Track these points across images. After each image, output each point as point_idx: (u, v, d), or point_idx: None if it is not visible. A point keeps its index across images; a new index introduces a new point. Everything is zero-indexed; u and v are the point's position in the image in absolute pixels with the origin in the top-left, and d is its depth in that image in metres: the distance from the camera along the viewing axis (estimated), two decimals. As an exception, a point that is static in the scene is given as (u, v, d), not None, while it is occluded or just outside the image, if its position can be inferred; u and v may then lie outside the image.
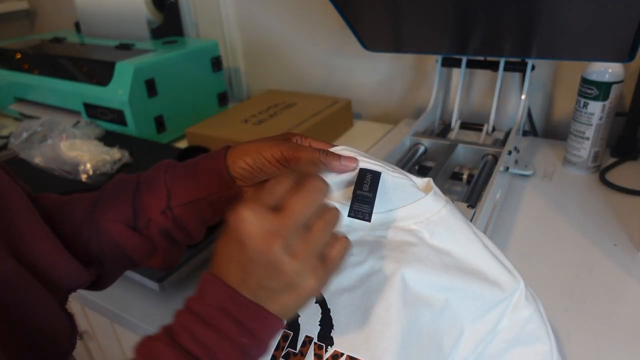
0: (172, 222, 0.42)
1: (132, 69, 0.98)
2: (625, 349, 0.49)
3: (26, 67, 1.22)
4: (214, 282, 0.30)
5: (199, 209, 0.42)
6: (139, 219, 0.42)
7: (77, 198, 0.44)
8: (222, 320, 0.29)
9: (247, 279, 0.29)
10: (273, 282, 0.29)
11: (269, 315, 0.30)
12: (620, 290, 0.56)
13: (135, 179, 0.43)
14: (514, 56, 0.79)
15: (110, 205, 0.42)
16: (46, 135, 0.97)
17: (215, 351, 0.28)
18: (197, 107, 1.15)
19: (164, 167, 0.43)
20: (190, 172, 0.42)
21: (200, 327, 0.29)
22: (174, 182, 0.42)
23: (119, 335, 0.73)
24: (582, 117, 0.76)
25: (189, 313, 0.30)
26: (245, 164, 0.40)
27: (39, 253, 0.36)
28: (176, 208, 0.41)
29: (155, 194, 0.41)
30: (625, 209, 0.70)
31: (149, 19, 1.21)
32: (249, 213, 0.28)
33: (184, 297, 0.31)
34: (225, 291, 0.29)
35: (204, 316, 0.29)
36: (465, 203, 0.58)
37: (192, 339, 0.29)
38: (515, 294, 0.39)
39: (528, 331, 0.39)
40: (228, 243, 0.30)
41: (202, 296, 0.30)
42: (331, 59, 1.15)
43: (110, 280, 0.46)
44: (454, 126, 0.86)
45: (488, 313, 0.38)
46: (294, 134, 0.43)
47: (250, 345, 0.29)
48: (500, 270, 0.39)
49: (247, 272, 0.29)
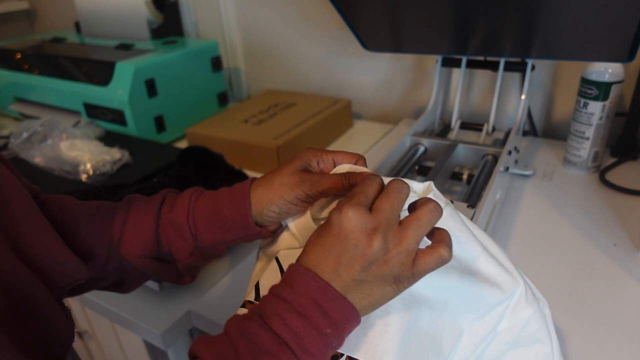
0: (200, 257, 0.44)
1: (132, 69, 0.98)
2: (625, 348, 0.49)
3: (26, 67, 1.22)
4: (307, 274, 0.31)
5: (225, 244, 0.44)
6: (164, 250, 0.43)
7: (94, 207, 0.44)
8: (312, 309, 0.30)
9: (341, 272, 0.31)
10: (367, 275, 0.31)
11: (353, 310, 0.31)
12: (620, 290, 0.56)
13: (156, 206, 0.44)
14: (513, 56, 0.79)
15: (134, 240, 0.43)
16: (46, 135, 0.97)
17: (302, 337, 0.30)
18: (197, 107, 1.15)
19: (186, 207, 0.43)
20: (214, 217, 0.42)
21: (291, 314, 0.30)
22: (199, 226, 0.42)
23: (119, 335, 0.73)
24: (582, 117, 0.76)
25: (280, 300, 0.31)
26: (273, 213, 0.41)
27: (38, 247, 0.36)
28: (203, 247, 0.43)
29: (182, 237, 0.42)
30: (625, 209, 0.70)
31: (149, 19, 1.21)
32: (353, 211, 0.31)
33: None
34: (317, 282, 0.31)
35: (295, 304, 0.30)
36: (465, 203, 0.58)
37: (283, 324, 0.30)
38: (514, 295, 0.38)
39: (528, 333, 0.39)
40: (327, 237, 0.32)
41: (294, 285, 0.31)
42: (331, 59, 1.15)
43: (134, 287, 0.48)
44: (454, 126, 0.86)
45: (487, 314, 0.38)
46: (312, 153, 0.42)
47: (333, 337, 0.31)
48: (499, 271, 0.39)
49: (343, 265, 0.31)
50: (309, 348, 0.30)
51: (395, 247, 0.31)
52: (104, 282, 0.45)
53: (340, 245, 0.31)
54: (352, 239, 0.31)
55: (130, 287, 0.47)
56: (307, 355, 0.30)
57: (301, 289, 0.31)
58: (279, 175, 0.41)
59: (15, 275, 0.33)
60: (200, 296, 0.61)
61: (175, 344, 0.61)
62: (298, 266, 0.32)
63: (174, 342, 0.59)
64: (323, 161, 0.41)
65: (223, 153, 0.79)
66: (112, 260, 0.43)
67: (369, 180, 0.34)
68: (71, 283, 0.39)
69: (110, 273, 0.44)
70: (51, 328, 0.35)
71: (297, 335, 0.30)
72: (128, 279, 0.46)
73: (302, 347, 0.30)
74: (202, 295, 0.61)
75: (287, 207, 0.40)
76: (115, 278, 0.45)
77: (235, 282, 0.63)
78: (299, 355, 0.29)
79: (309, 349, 0.30)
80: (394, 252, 0.31)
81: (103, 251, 0.43)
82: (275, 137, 0.90)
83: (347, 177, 0.39)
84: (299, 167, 0.41)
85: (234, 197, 0.42)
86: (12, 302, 0.32)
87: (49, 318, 0.35)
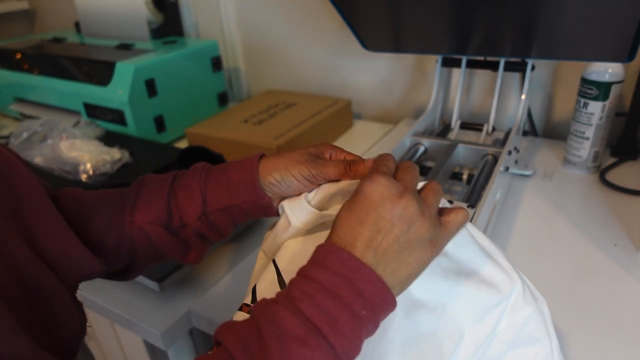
0: (207, 226, 0.44)
1: (132, 69, 0.98)
2: (625, 348, 0.49)
3: (26, 67, 1.22)
4: (339, 252, 0.30)
5: (232, 213, 0.44)
6: (174, 221, 0.44)
7: (104, 195, 0.45)
8: (346, 289, 0.29)
9: (380, 241, 0.30)
10: (406, 238, 0.31)
11: (389, 293, 0.30)
12: (620, 290, 0.56)
13: (169, 180, 0.45)
14: (514, 56, 0.79)
15: (147, 207, 0.43)
16: (46, 135, 0.97)
17: (336, 318, 0.28)
18: (197, 107, 1.15)
19: (198, 172, 0.45)
20: (224, 179, 0.44)
21: (322, 294, 0.28)
22: (209, 188, 0.43)
23: (119, 335, 0.73)
24: (582, 117, 0.76)
25: (310, 280, 0.29)
26: (274, 179, 0.42)
27: (51, 241, 0.36)
28: (211, 213, 0.43)
29: (191, 199, 0.43)
30: (625, 209, 0.70)
31: (149, 19, 1.21)
32: (385, 179, 0.31)
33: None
34: (351, 260, 0.30)
35: (326, 284, 0.29)
36: (465, 203, 0.58)
37: (314, 305, 0.28)
38: (512, 294, 0.38)
39: (527, 332, 0.39)
40: (362, 207, 0.31)
41: (325, 264, 0.30)
42: (331, 59, 1.15)
43: (138, 273, 0.48)
44: (454, 126, 0.86)
45: (486, 315, 0.38)
46: (327, 146, 0.43)
47: (368, 320, 0.29)
48: (496, 270, 0.39)
49: (382, 232, 0.30)
50: (343, 330, 0.28)
51: (428, 209, 0.32)
52: (114, 268, 0.45)
53: (376, 212, 0.31)
54: (389, 204, 0.31)
55: (135, 271, 0.47)
56: (341, 338, 0.28)
57: (335, 268, 0.29)
58: (291, 152, 0.43)
59: (29, 268, 0.33)
60: (200, 296, 0.61)
61: (175, 344, 0.61)
62: (330, 244, 0.31)
63: (174, 342, 0.59)
64: (336, 155, 0.43)
65: (223, 153, 0.79)
66: (124, 244, 0.43)
67: (386, 155, 0.36)
68: (84, 277, 0.39)
69: (121, 258, 0.44)
70: (64, 321, 0.35)
71: (330, 316, 0.28)
72: (136, 260, 0.45)
73: (335, 329, 0.28)
74: (202, 295, 0.61)
75: (288, 178, 0.41)
76: (124, 263, 0.45)
77: (235, 282, 0.63)
78: (331, 339, 0.27)
79: (343, 331, 0.28)
80: (427, 213, 0.32)
81: (115, 235, 0.43)
82: (275, 137, 0.90)
83: (349, 165, 0.40)
84: (312, 152, 0.43)
85: (243, 162, 0.44)
86: (27, 294, 0.32)
87: (62, 310, 0.35)
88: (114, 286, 0.64)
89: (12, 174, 0.37)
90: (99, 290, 0.64)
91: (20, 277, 0.32)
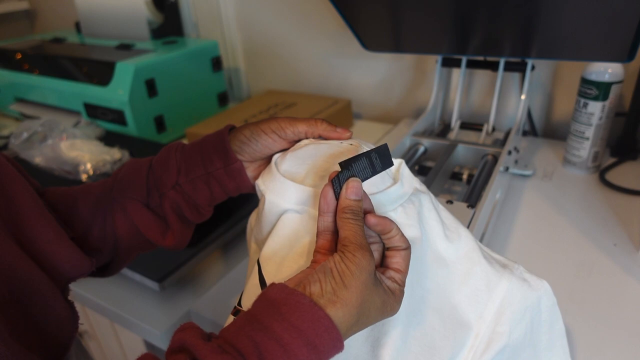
0: (182, 198, 0.45)
1: (132, 69, 0.98)
2: (625, 348, 0.49)
3: (26, 67, 1.22)
4: (338, 339, 0.29)
5: (206, 183, 0.45)
6: (152, 197, 0.45)
7: (88, 186, 0.46)
8: (305, 349, 0.28)
9: (364, 321, 0.31)
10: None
11: (342, 342, 0.29)
12: (620, 290, 0.56)
13: (149, 160, 0.46)
14: (513, 56, 0.79)
15: (127, 184, 0.45)
16: (46, 135, 0.97)
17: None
18: (197, 107, 1.15)
19: (174, 147, 0.46)
20: (197, 149, 0.45)
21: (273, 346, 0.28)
22: (183, 159, 0.45)
23: (119, 335, 0.73)
24: (582, 117, 0.76)
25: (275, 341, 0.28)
26: (243, 136, 0.43)
27: (41, 241, 0.37)
28: (185, 184, 0.44)
29: (167, 170, 0.45)
30: (625, 209, 0.70)
31: (149, 19, 1.21)
32: (369, 256, 0.31)
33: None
34: (340, 342, 0.29)
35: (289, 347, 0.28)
36: (465, 203, 0.58)
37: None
38: (482, 335, 0.38)
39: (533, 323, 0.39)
40: (364, 291, 0.31)
41: (317, 345, 0.28)
42: (331, 59, 1.15)
43: (121, 266, 0.48)
44: (454, 126, 0.86)
45: (460, 353, 0.38)
46: (322, 120, 0.44)
47: None
48: (469, 301, 0.39)
49: (368, 315, 0.31)
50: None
51: (391, 287, 0.33)
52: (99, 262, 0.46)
53: (373, 296, 0.31)
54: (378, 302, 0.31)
55: (118, 264, 0.47)
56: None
57: (323, 349, 0.28)
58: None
59: (18, 266, 0.34)
60: (200, 296, 0.61)
61: (176, 344, 0.61)
62: (330, 323, 0.29)
63: (174, 342, 0.59)
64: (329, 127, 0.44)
65: (223, 153, 0.79)
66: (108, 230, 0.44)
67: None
68: (75, 276, 0.39)
69: (106, 247, 0.45)
70: (54, 318, 0.36)
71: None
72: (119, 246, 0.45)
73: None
74: (202, 295, 0.61)
75: (257, 132, 0.43)
76: (108, 255, 0.46)
77: (235, 282, 0.63)
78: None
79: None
80: (398, 291, 0.33)
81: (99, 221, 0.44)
82: (275, 137, 0.90)
83: (321, 122, 0.42)
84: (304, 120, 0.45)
85: (217, 132, 0.45)
86: (15, 292, 0.33)
87: (52, 308, 0.36)
88: (114, 286, 0.65)
89: (0, 174, 0.37)
90: (99, 290, 0.64)
91: (10, 275, 0.33)
